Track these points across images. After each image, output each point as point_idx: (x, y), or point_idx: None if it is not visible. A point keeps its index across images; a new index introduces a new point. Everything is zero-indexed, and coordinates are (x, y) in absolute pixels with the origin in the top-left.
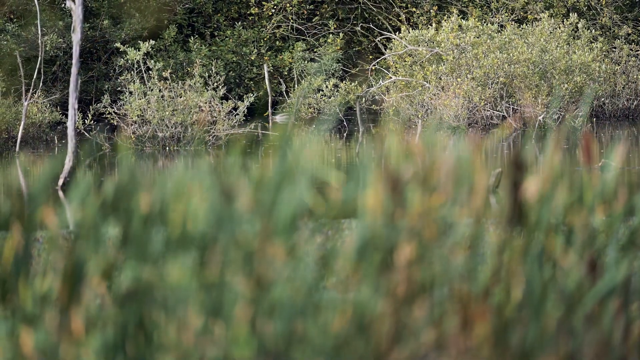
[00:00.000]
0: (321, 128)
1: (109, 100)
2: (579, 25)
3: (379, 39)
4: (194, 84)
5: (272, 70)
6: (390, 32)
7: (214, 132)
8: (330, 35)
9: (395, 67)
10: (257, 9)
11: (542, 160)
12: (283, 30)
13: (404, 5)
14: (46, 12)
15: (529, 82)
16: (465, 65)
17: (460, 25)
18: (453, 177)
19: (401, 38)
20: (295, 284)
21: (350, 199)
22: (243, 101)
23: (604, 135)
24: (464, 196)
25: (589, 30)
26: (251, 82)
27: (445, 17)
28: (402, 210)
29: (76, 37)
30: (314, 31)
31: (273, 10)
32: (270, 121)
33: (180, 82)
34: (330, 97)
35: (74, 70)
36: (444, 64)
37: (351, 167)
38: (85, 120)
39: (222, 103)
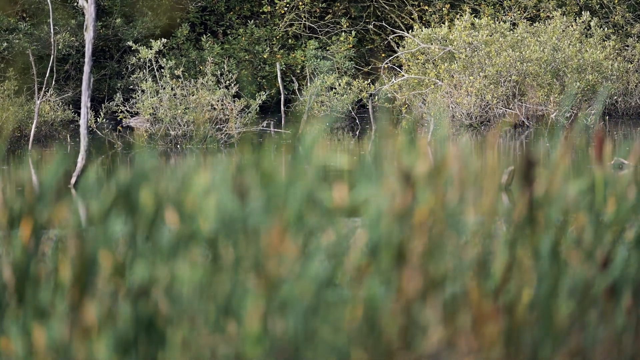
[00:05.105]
0: (333, 126)
1: (122, 99)
2: (592, 24)
3: (391, 37)
4: (206, 82)
5: (284, 69)
6: (403, 30)
7: (226, 130)
8: (343, 33)
9: (408, 65)
10: (269, 7)
11: (553, 158)
12: (295, 29)
13: (416, 3)
14: (59, 10)
15: (541, 80)
16: (478, 63)
17: (472, 24)
18: (465, 174)
19: (414, 36)
20: (307, 281)
21: (363, 196)
22: (255, 99)
23: (616, 133)
24: (475, 193)
25: (601, 29)
26: (263, 80)
27: (457, 15)
28: (414, 208)
29: (89, 36)
30: (326, 29)
31: (285, 9)
32: (282, 119)
33: (192, 80)
34: (342, 95)
35: (86, 68)
36: (456, 62)
37: (363, 165)
38: (98, 119)
39: (234, 101)
